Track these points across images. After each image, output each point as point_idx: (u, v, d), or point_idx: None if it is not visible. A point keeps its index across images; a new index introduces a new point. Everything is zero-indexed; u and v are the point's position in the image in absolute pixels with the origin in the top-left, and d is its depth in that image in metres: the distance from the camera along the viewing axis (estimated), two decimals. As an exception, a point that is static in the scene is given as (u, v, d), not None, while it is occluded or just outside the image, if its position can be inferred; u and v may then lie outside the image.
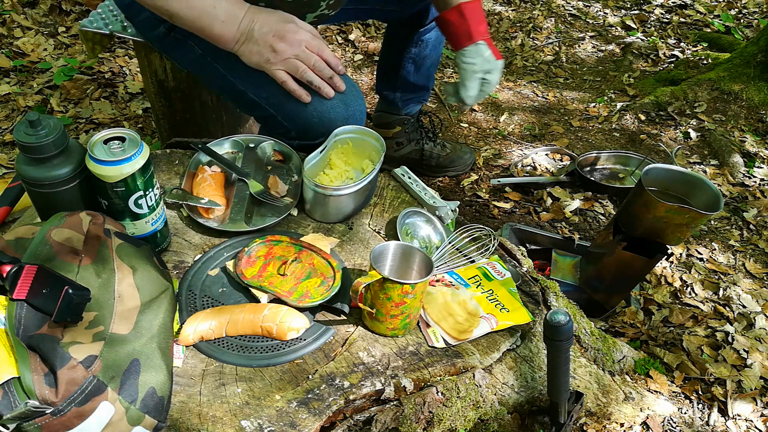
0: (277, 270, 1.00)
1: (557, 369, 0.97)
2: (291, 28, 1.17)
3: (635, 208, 1.45)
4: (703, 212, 1.34)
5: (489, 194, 2.12)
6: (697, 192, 1.44)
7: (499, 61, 1.38)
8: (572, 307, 1.26)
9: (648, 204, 1.40)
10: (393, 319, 0.94)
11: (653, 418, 1.29)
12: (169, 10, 1.15)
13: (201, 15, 1.15)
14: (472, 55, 1.35)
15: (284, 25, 1.17)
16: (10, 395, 0.69)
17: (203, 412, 0.83)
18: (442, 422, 0.93)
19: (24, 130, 0.84)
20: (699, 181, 1.44)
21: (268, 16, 1.17)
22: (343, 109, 1.24)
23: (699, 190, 1.44)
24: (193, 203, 1.10)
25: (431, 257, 0.98)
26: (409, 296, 0.91)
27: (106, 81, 2.43)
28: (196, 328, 0.91)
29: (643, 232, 1.44)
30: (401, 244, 0.99)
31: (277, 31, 1.15)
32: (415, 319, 0.98)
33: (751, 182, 2.19)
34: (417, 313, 0.98)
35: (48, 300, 0.73)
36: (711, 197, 1.41)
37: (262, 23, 1.16)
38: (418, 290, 0.92)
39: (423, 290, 0.94)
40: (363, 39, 2.96)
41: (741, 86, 2.52)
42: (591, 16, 3.39)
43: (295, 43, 1.16)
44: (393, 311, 0.93)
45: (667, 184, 1.48)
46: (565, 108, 2.65)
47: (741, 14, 3.41)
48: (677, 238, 1.43)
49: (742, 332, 1.57)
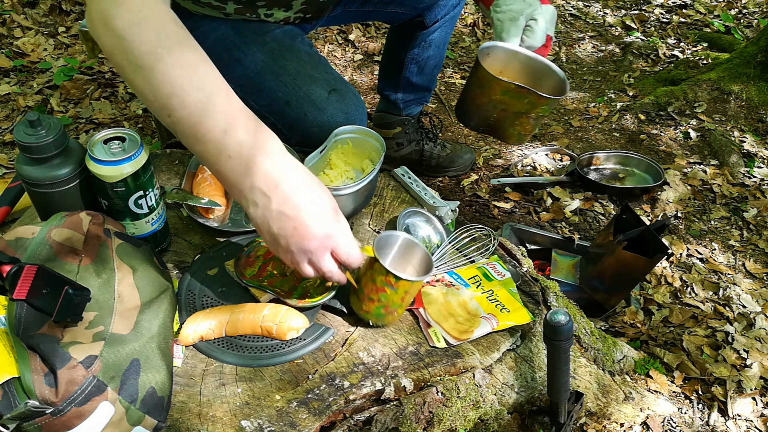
0: (276, 270, 1.00)
1: (557, 369, 0.97)
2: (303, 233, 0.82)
3: (470, 93, 1.22)
4: (543, 95, 1.12)
5: (489, 194, 2.12)
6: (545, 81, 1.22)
7: (546, 6, 1.16)
8: (572, 307, 1.26)
9: (483, 83, 1.16)
10: (369, 302, 0.93)
11: (653, 418, 1.29)
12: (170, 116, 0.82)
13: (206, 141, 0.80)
14: (508, 1, 1.15)
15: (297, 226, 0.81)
16: (10, 395, 0.69)
17: (203, 412, 0.83)
18: (442, 422, 0.93)
19: (24, 130, 0.84)
20: (545, 67, 1.21)
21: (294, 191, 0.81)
22: (344, 118, 1.23)
23: (546, 78, 1.22)
24: (193, 203, 1.10)
25: (432, 259, 0.98)
26: (389, 287, 0.90)
27: (106, 81, 2.43)
28: (196, 328, 0.91)
29: (479, 122, 1.23)
30: (410, 239, 0.98)
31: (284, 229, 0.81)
32: (391, 314, 0.96)
33: (751, 182, 2.19)
34: (395, 309, 0.95)
35: (48, 300, 0.73)
36: (557, 83, 1.20)
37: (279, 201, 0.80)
38: (400, 287, 0.91)
39: (407, 289, 0.92)
40: (363, 39, 2.96)
41: (741, 86, 2.52)
42: (591, 16, 3.39)
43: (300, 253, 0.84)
44: (371, 294, 0.92)
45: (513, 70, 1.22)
46: (565, 108, 2.65)
47: (741, 14, 3.41)
48: (517, 133, 1.22)
49: (742, 332, 1.57)
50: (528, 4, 1.14)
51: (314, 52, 1.38)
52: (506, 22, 1.14)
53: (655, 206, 2.06)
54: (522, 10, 1.14)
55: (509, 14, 1.14)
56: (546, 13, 1.16)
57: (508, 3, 1.15)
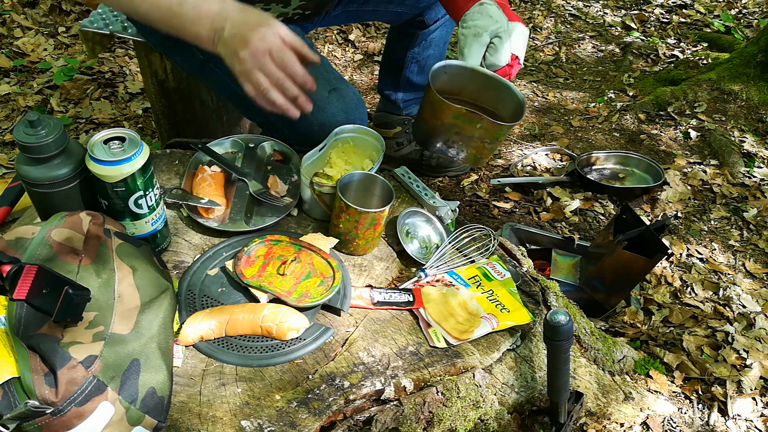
0: (276, 270, 1.00)
1: (557, 369, 0.97)
2: (257, 34, 1.00)
3: (424, 115, 1.16)
4: (496, 122, 1.07)
5: (489, 194, 2.11)
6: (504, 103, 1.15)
7: (514, 23, 1.11)
8: (572, 307, 1.26)
9: (434, 107, 1.10)
10: (334, 227, 1.08)
11: (653, 418, 1.29)
12: (139, 13, 1.06)
13: (169, 16, 1.03)
14: (474, 17, 1.11)
15: (251, 30, 1.00)
16: (10, 395, 0.69)
17: (203, 412, 0.83)
18: (442, 422, 0.93)
19: (24, 130, 0.84)
20: (505, 88, 1.14)
21: (242, 15, 1.02)
22: (344, 117, 1.23)
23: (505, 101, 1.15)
24: (193, 203, 1.10)
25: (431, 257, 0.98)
26: (343, 214, 1.03)
27: (106, 81, 2.43)
28: (196, 328, 0.91)
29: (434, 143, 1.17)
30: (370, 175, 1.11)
31: (243, 36, 1.00)
32: (352, 243, 1.08)
33: (751, 182, 2.19)
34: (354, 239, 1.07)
35: (48, 300, 0.73)
36: (516, 106, 1.13)
37: (232, 23, 1.01)
38: (351, 214, 1.02)
39: (356, 218, 1.03)
40: (363, 39, 2.96)
41: (741, 86, 2.52)
42: (591, 16, 3.39)
43: (258, 54, 1.00)
44: (334, 219, 1.08)
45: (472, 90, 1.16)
46: (565, 108, 2.65)
47: (741, 14, 3.41)
48: (473, 156, 1.16)
49: (742, 332, 1.57)
50: (494, 20, 1.09)
51: (314, 51, 1.38)
52: (469, 38, 1.11)
53: (655, 206, 2.06)
54: (486, 27, 1.09)
55: (473, 30, 1.11)
56: (513, 32, 1.10)
57: (474, 18, 1.11)
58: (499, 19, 1.09)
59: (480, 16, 1.10)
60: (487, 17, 1.09)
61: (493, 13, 1.10)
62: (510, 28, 1.10)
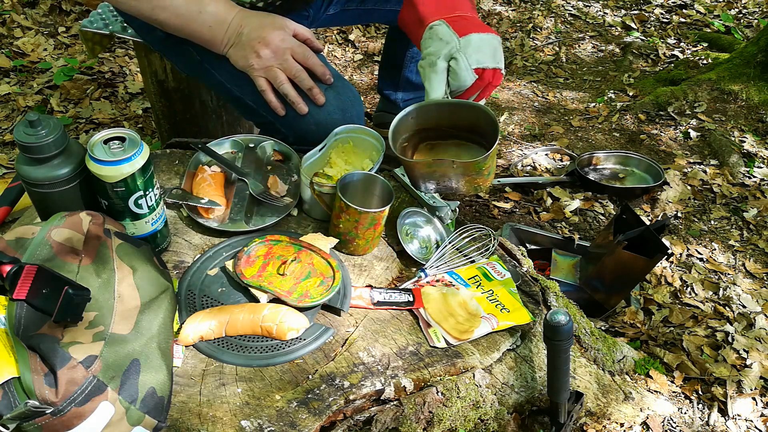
0: (276, 270, 1.00)
1: (557, 369, 0.97)
2: (278, 35, 1.13)
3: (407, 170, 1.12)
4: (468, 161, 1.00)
5: (489, 194, 2.12)
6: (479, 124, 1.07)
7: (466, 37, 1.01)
8: (572, 307, 1.26)
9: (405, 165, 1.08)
10: (334, 227, 1.08)
11: (653, 418, 1.29)
12: (156, 19, 1.15)
13: (188, 22, 1.14)
14: (426, 44, 1.04)
15: (272, 32, 1.13)
16: (10, 395, 0.69)
17: (203, 412, 0.83)
18: (442, 422, 0.93)
19: (24, 130, 0.84)
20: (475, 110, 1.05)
21: (259, 20, 1.14)
22: (341, 115, 1.23)
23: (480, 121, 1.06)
24: (193, 203, 1.10)
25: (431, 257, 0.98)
26: (343, 214, 1.03)
27: (106, 81, 2.44)
28: (196, 328, 0.91)
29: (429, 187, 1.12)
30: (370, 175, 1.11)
31: (264, 37, 1.12)
32: (352, 243, 1.07)
33: (751, 182, 2.19)
34: (354, 239, 1.06)
35: (48, 300, 0.73)
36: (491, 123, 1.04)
37: (251, 28, 1.13)
38: (351, 214, 1.02)
39: (356, 218, 1.02)
40: (363, 39, 2.96)
41: (741, 86, 2.52)
42: (591, 16, 3.39)
43: (280, 51, 1.13)
44: (334, 219, 1.07)
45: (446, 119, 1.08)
46: (565, 108, 2.65)
47: (741, 14, 3.41)
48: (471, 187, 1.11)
49: (742, 332, 1.57)
50: (444, 42, 1.01)
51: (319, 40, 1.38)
52: (426, 70, 1.03)
53: (655, 206, 2.06)
54: (438, 52, 1.01)
55: (428, 59, 1.03)
56: (468, 47, 1.01)
57: (426, 46, 1.04)
58: (449, 39, 1.01)
59: (431, 41, 1.03)
60: (437, 41, 1.02)
61: (443, 34, 1.01)
62: (462, 45, 1.01)
